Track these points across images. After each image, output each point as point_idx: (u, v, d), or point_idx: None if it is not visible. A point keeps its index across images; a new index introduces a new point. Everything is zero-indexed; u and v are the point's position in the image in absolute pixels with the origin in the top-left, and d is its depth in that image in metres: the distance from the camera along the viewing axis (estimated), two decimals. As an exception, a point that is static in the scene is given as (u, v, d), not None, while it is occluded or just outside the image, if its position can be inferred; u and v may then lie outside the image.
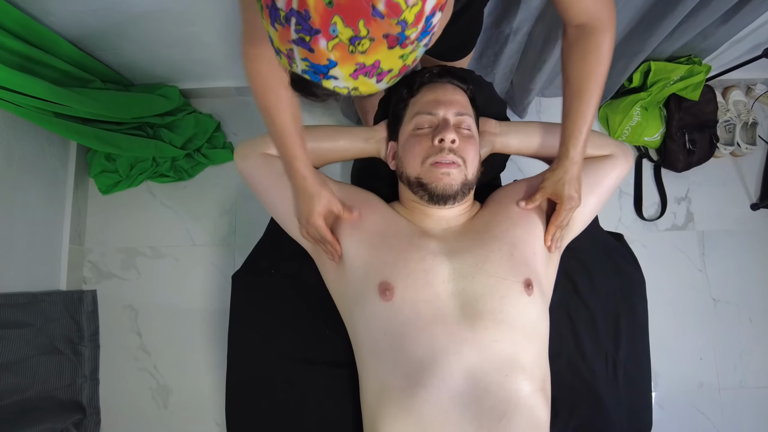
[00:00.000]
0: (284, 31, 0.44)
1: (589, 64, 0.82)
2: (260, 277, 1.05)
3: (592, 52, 0.81)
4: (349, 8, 0.41)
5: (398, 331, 0.80)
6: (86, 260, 1.71)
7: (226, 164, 1.78)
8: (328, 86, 0.48)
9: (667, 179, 1.85)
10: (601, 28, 0.80)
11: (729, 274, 1.80)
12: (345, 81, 0.47)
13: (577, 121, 0.86)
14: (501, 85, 1.71)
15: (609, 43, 0.81)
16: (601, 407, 0.97)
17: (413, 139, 0.90)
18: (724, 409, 1.71)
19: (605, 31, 0.80)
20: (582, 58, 0.83)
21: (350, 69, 0.46)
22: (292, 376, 0.97)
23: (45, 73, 1.29)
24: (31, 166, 1.47)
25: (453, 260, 0.84)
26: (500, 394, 0.78)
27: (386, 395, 0.81)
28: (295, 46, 0.45)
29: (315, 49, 0.44)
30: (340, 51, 0.44)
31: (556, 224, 0.90)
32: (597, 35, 0.80)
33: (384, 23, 0.43)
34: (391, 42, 0.44)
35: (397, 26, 0.43)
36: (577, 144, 0.86)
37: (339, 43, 0.43)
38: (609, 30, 0.80)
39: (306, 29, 0.43)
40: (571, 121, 0.86)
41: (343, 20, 0.42)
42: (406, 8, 0.42)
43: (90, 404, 1.58)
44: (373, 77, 0.48)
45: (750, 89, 1.90)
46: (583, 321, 1.01)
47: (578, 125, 0.86)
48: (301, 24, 0.43)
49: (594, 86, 0.83)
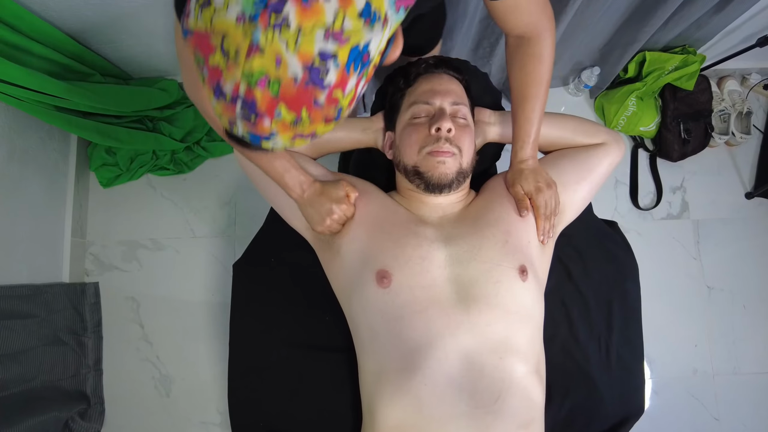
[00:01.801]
0: (228, 106, 0.47)
1: (530, 71, 0.87)
2: (261, 266, 1.06)
3: (532, 60, 0.86)
4: (294, 100, 0.45)
5: (395, 316, 0.82)
6: (88, 252, 1.73)
7: (226, 157, 1.79)
8: (267, 147, 0.51)
9: (663, 169, 1.86)
10: (539, 36, 0.84)
11: (723, 262, 1.82)
12: (283, 144, 0.51)
13: (523, 125, 0.91)
14: (497, 76, 1.72)
15: (549, 50, 0.86)
16: (594, 390, 0.99)
17: (410, 128, 0.92)
18: (718, 395, 1.74)
19: (544, 39, 0.84)
20: (523, 67, 0.88)
21: (289, 137, 0.49)
22: (293, 361, 0.99)
23: (44, 66, 1.30)
24: (33, 160, 1.49)
25: (449, 246, 0.86)
26: (495, 375, 0.80)
27: (384, 378, 0.83)
28: (239, 119, 0.47)
29: (258, 126, 0.47)
30: (282, 126, 0.47)
31: (540, 218, 0.92)
32: (536, 44, 0.85)
33: (323, 110, 0.47)
34: (328, 121, 0.49)
35: (335, 110, 0.48)
36: (525, 146, 0.92)
37: (281, 122, 0.47)
38: (548, 37, 0.85)
39: (251, 112, 0.46)
40: (518, 125, 0.92)
41: (287, 107, 0.45)
42: (342, 98, 0.47)
43: (94, 394, 1.61)
44: (308, 138, 0.52)
45: (745, 79, 1.91)
46: (577, 306, 1.02)
47: (525, 129, 0.91)
48: (246, 108, 0.46)
49: (537, 91, 0.88)
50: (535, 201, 0.91)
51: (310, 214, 0.91)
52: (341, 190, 0.91)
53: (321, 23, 0.42)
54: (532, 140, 0.92)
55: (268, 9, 0.41)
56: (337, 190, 0.91)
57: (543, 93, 0.89)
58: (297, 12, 0.41)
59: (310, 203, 0.91)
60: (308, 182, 0.91)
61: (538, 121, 0.91)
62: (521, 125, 0.91)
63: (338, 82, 0.46)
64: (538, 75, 0.87)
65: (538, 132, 0.92)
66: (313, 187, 0.91)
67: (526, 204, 0.91)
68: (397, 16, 0.48)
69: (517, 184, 0.93)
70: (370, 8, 0.44)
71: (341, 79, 0.45)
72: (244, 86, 0.44)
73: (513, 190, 0.94)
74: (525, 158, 0.93)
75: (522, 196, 0.92)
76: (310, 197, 0.91)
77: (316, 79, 0.44)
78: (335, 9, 0.42)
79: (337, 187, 0.91)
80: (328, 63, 0.44)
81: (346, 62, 0.45)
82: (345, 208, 0.90)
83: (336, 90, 0.46)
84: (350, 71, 0.46)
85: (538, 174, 0.92)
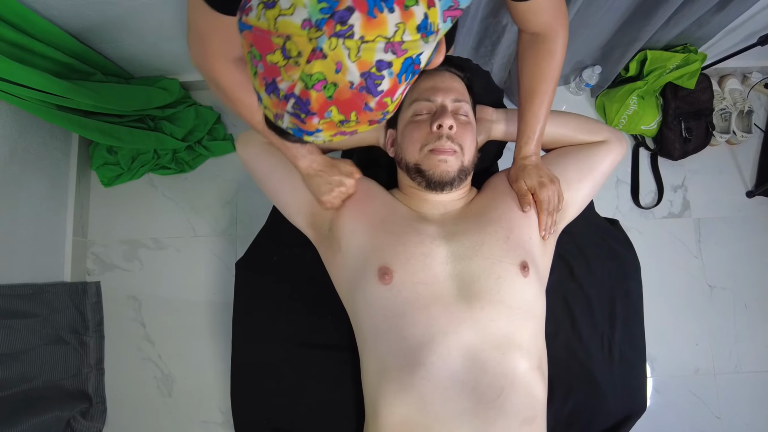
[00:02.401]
0: (280, 103, 0.49)
1: (543, 68, 0.89)
2: (263, 264, 1.07)
3: (545, 57, 0.88)
4: (346, 103, 0.47)
5: (397, 313, 0.82)
6: (89, 252, 1.73)
7: (227, 156, 1.79)
8: (308, 140, 0.54)
9: (664, 167, 1.86)
10: (554, 36, 0.86)
11: (725, 261, 1.82)
12: (323, 139, 0.53)
13: (530, 121, 0.92)
14: (499, 75, 1.72)
15: (561, 49, 0.88)
16: (597, 388, 0.99)
17: (411, 125, 0.92)
18: (719, 393, 1.74)
19: (558, 38, 0.86)
20: (536, 63, 0.89)
21: (332, 133, 0.52)
22: (295, 360, 0.99)
23: (46, 65, 1.30)
24: (34, 159, 1.49)
25: (451, 243, 0.86)
26: (498, 371, 0.80)
27: (386, 375, 0.83)
28: (287, 114, 0.50)
29: (307, 123, 0.50)
30: (328, 125, 0.50)
31: (542, 213, 0.92)
32: (550, 42, 0.87)
33: (371, 114, 0.50)
34: (372, 123, 0.52)
35: (381, 115, 0.51)
36: (529, 142, 0.93)
37: (329, 122, 0.49)
38: (561, 37, 0.87)
39: (303, 110, 0.48)
40: (525, 121, 0.93)
41: (338, 109, 0.48)
42: (390, 104, 0.50)
43: (96, 393, 1.61)
44: (347, 135, 0.54)
45: (746, 77, 1.92)
46: (579, 304, 1.03)
47: (531, 124, 0.92)
48: (299, 106, 0.48)
49: (546, 88, 0.89)
50: (539, 196, 0.91)
51: (318, 183, 0.92)
52: (349, 165, 0.95)
53: (383, 35, 0.44)
54: (537, 136, 0.93)
55: (334, 18, 0.43)
56: (346, 165, 0.95)
57: (551, 90, 0.90)
58: (362, 23, 0.43)
59: (319, 174, 0.92)
60: (316, 152, 0.93)
61: (544, 117, 0.91)
62: (528, 120, 0.92)
63: (390, 90, 0.48)
64: (549, 71, 0.88)
65: (543, 129, 0.93)
66: (322, 158, 0.94)
67: (528, 200, 0.91)
68: (444, 25, 0.49)
69: (521, 180, 0.93)
70: (427, 22, 0.46)
71: (393, 87, 0.48)
72: (300, 86, 0.46)
73: (516, 186, 0.94)
74: (528, 154, 0.94)
75: (525, 192, 0.92)
76: (319, 167, 0.92)
77: (371, 86, 0.47)
78: (397, 22, 0.44)
79: (345, 162, 0.96)
80: (383, 72, 0.46)
81: (399, 71, 0.47)
82: (352, 182, 0.93)
83: (386, 97, 0.49)
84: (401, 80, 0.48)
85: (541, 170, 0.93)
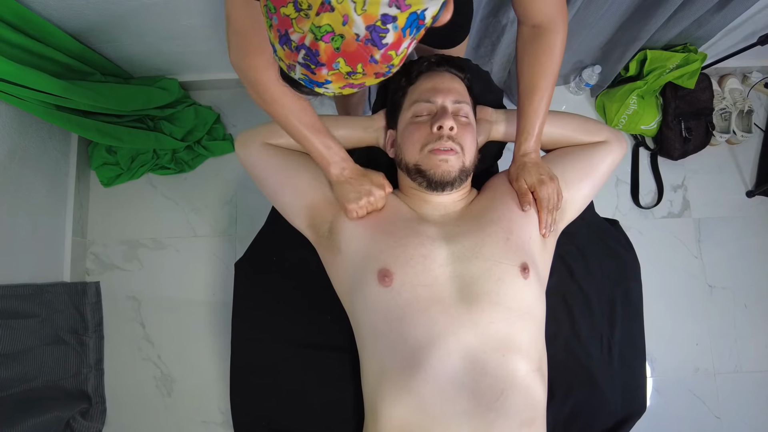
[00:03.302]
0: (292, 54, 0.52)
1: (543, 62, 0.88)
2: (262, 265, 1.06)
3: (545, 51, 0.88)
4: (352, 54, 0.50)
5: (397, 315, 0.82)
6: (89, 252, 1.73)
7: (227, 156, 1.79)
8: (318, 91, 0.57)
9: (664, 167, 1.86)
10: (554, 29, 0.86)
11: (725, 261, 1.82)
12: (334, 90, 0.56)
13: (530, 117, 0.91)
14: (498, 75, 1.72)
15: (561, 44, 0.88)
16: (597, 388, 0.99)
17: (412, 126, 0.92)
18: (719, 393, 1.74)
19: (558, 32, 0.86)
20: (536, 58, 0.89)
21: (341, 85, 0.55)
22: (295, 360, 0.99)
23: (45, 65, 1.30)
24: (34, 159, 1.48)
25: (451, 244, 0.86)
26: (497, 374, 0.80)
27: (386, 377, 0.83)
28: (299, 65, 0.52)
29: (317, 73, 0.52)
30: (337, 76, 0.53)
31: (543, 211, 0.92)
32: (550, 36, 0.87)
33: (377, 67, 0.52)
34: (378, 76, 0.54)
35: (386, 68, 0.53)
36: (529, 138, 0.93)
37: (337, 73, 0.52)
38: (561, 31, 0.87)
39: (313, 62, 0.51)
40: (525, 116, 0.92)
41: (345, 61, 0.51)
42: (395, 57, 0.52)
43: (95, 393, 1.61)
44: (357, 88, 0.57)
45: (746, 77, 1.92)
46: (579, 304, 1.02)
47: (531, 120, 0.92)
48: (309, 57, 0.51)
49: (546, 83, 0.89)
50: (538, 194, 0.91)
51: (347, 191, 0.91)
52: (382, 178, 0.94)
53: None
54: (537, 133, 0.92)
55: None
56: (378, 177, 0.93)
57: (551, 86, 0.90)
58: None
59: (349, 182, 0.91)
60: (349, 160, 0.93)
61: (544, 114, 0.91)
62: (528, 116, 0.91)
63: (394, 43, 0.50)
64: (549, 67, 0.88)
65: (543, 125, 0.93)
66: (354, 166, 0.93)
67: (529, 198, 0.91)
68: None
69: (521, 178, 0.93)
70: None
71: (397, 41, 0.50)
72: (310, 38, 0.49)
73: (516, 185, 0.94)
74: (528, 151, 0.93)
75: (525, 190, 0.92)
76: (350, 174, 0.91)
77: (376, 38, 0.49)
78: None
79: (378, 174, 0.94)
80: (388, 25, 0.48)
81: (403, 26, 0.49)
82: (382, 195, 0.92)
83: (391, 50, 0.51)
84: (406, 34, 0.50)
85: (540, 167, 0.92)
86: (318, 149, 0.90)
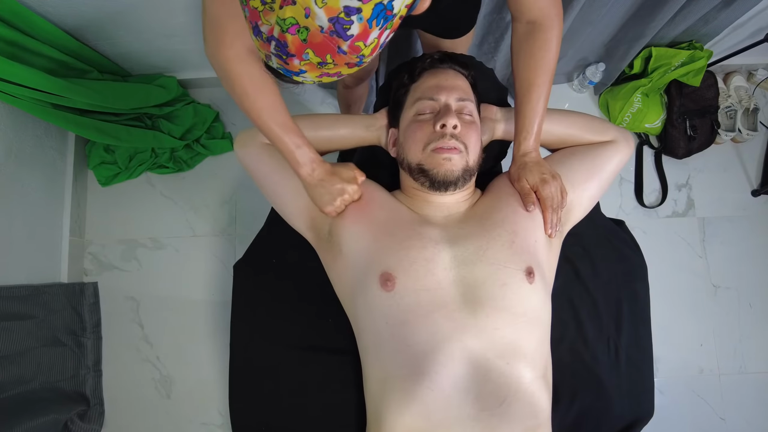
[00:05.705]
0: (264, 44, 0.53)
1: (539, 59, 0.87)
2: (262, 266, 1.05)
3: (541, 47, 0.86)
4: (319, 46, 0.51)
5: (400, 320, 0.80)
6: (87, 252, 1.71)
7: (226, 155, 1.77)
8: (298, 80, 0.58)
9: (668, 166, 1.84)
10: (549, 25, 0.85)
11: (729, 261, 1.80)
12: (312, 79, 0.58)
13: (528, 115, 0.89)
14: (502, 73, 1.70)
15: (557, 40, 0.86)
16: (603, 392, 0.97)
17: (414, 124, 0.90)
18: (724, 394, 1.73)
19: (553, 28, 0.85)
20: (531, 54, 0.87)
21: (316, 74, 0.56)
22: (295, 363, 0.98)
23: (41, 63, 1.28)
24: (30, 159, 1.47)
25: (454, 247, 0.84)
26: (501, 381, 0.78)
27: (390, 384, 0.81)
28: (273, 56, 0.54)
29: (289, 63, 0.54)
30: (310, 66, 0.54)
31: (547, 210, 0.90)
32: (546, 32, 0.85)
33: (346, 57, 0.53)
34: (351, 66, 0.56)
35: (357, 58, 0.54)
36: (528, 137, 0.90)
37: (309, 63, 0.53)
38: (557, 27, 0.85)
39: (283, 52, 0.53)
40: (523, 115, 0.90)
41: (314, 52, 0.52)
42: (364, 47, 0.53)
43: (93, 395, 1.59)
44: (335, 77, 0.58)
45: (751, 75, 1.89)
46: (585, 306, 1.00)
47: (530, 118, 0.89)
48: (279, 48, 0.52)
49: (543, 80, 0.87)
50: (541, 193, 0.89)
51: (320, 194, 0.89)
52: (351, 170, 0.91)
53: None
54: (536, 131, 0.90)
55: None
56: (348, 171, 0.91)
57: (548, 82, 0.88)
58: None
59: (321, 183, 0.89)
60: (318, 161, 0.89)
61: (542, 111, 0.89)
62: (526, 114, 0.89)
63: (360, 34, 0.51)
64: (545, 63, 0.86)
65: (542, 123, 0.90)
66: (324, 167, 0.90)
67: (532, 198, 0.89)
68: None
69: (523, 178, 0.91)
70: None
71: (363, 32, 0.51)
72: (277, 30, 0.51)
73: (519, 185, 0.92)
74: (528, 150, 0.91)
75: (528, 191, 0.90)
76: (320, 176, 0.89)
77: (340, 30, 0.50)
78: None
79: (347, 168, 0.91)
80: (352, 17, 0.49)
81: (369, 17, 0.49)
82: (355, 188, 0.89)
83: (358, 41, 0.51)
84: (372, 25, 0.51)
85: (542, 166, 0.90)
86: (288, 148, 0.87)
